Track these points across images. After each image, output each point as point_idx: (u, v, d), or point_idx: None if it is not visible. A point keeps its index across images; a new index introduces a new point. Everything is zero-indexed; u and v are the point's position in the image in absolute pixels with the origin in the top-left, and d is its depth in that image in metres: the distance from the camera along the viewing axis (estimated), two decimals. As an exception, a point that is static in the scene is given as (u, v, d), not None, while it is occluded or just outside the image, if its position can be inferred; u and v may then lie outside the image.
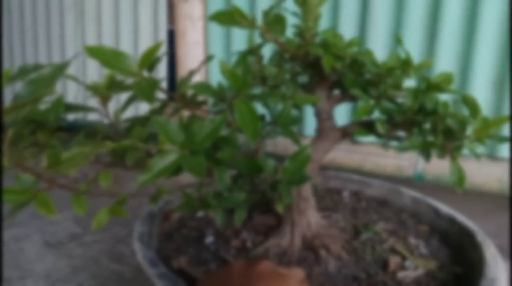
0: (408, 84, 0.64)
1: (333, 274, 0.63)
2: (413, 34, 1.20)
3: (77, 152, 0.44)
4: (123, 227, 1.24)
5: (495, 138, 0.52)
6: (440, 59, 1.17)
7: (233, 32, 1.44)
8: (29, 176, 0.47)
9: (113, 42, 1.72)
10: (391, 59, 0.59)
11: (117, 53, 0.44)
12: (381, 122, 0.57)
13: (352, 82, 0.60)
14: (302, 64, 0.63)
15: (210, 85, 0.53)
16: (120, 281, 0.98)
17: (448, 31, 1.15)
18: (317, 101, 0.55)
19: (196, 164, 0.47)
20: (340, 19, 1.28)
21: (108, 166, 0.61)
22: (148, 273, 0.58)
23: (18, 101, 0.33)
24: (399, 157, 1.29)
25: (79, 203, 0.51)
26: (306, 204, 0.67)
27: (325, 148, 0.65)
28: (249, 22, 0.47)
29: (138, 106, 1.70)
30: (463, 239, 0.72)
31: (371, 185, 0.93)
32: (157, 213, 0.76)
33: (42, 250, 1.11)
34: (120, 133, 0.63)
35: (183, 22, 1.45)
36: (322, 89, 0.66)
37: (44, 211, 0.46)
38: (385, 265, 0.66)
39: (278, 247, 0.68)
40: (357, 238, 0.73)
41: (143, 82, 0.44)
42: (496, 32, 1.11)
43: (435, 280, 0.64)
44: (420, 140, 0.55)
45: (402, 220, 0.82)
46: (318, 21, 0.54)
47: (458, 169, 0.53)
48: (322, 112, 0.67)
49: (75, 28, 1.80)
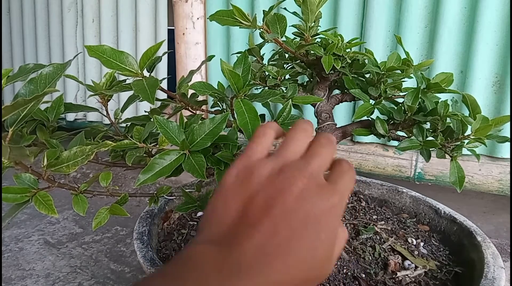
0: (408, 84, 0.64)
1: (333, 274, 0.63)
2: (413, 34, 1.20)
3: (77, 152, 0.44)
4: (123, 227, 1.24)
5: (495, 138, 0.52)
6: (440, 59, 1.17)
7: (233, 32, 1.44)
8: (29, 176, 0.47)
9: (113, 42, 1.72)
10: (391, 59, 0.59)
11: (117, 52, 0.44)
12: (381, 121, 0.57)
13: (352, 82, 0.60)
14: (302, 64, 0.63)
15: (210, 84, 0.53)
16: (120, 281, 0.98)
17: (448, 31, 1.15)
18: (317, 101, 0.55)
19: (196, 164, 0.47)
20: (340, 19, 1.28)
21: (108, 166, 0.61)
22: (148, 273, 0.58)
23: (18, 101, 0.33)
24: (399, 157, 1.29)
25: (79, 203, 0.51)
26: (306, 204, 0.67)
27: (325, 148, 0.65)
28: (249, 22, 0.47)
29: (138, 106, 1.70)
30: (463, 239, 0.72)
31: (371, 185, 0.93)
32: (157, 212, 0.76)
33: (42, 250, 1.11)
34: (120, 133, 0.63)
35: (183, 22, 1.45)
36: (322, 89, 0.66)
37: (44, 211, 0.46)
38: (385, 265, 0.66)
39: (278, 247, 0.68)
40: (357, 238, 0.73)
41: (143, 82, 0.44)
42: (496, 32, 1.11)
43: (435, 280, 0.64)
44: (420, 140, 0.55)
45: (402, 220, 0.82)
46: (318, 21, 0.54)
47: (458, 169, 0.53)
48: (322, 112, 0.67)
49: (75, 28, 1.80)
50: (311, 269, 0.26)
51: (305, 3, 0.50)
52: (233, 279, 0.24)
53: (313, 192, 0.27)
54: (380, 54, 1.25)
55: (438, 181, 1.26)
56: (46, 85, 0.41)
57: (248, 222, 0.26)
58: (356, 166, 1.36)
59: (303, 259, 0.26)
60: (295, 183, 0.27)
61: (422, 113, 0.55)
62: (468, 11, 1.14)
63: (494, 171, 1.19)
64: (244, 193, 0.28)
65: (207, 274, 0.24)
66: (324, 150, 0.31)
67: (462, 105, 0.55)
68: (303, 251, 0.26)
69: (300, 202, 0.27)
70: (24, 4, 1.92)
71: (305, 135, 0.32)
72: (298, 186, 0.27)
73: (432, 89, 0.55)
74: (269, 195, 0.27)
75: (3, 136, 0.40)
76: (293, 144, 0.31)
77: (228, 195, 0.28)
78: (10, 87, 1.97)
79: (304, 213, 0.26)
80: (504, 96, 1.13)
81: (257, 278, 0.24)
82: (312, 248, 0.26)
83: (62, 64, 0.43)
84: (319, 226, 0.27)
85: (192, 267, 0.25)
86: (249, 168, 0.29)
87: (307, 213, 0.26)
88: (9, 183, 0.46)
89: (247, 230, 0.26)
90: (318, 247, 0.26)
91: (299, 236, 0.26)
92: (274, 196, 0.27)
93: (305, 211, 0.26)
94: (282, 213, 0.26)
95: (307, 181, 0.28)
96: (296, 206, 0.26)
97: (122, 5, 1.66)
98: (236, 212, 0.27)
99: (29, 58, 1.96)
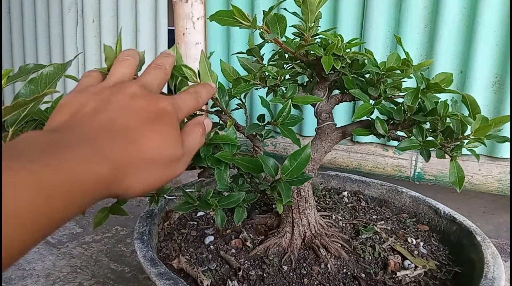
0: (408, 84, 0.64)
1: (333, 273, 0.64)
2: (413, 34, 1.20)
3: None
4: (124, 227, 1.24)
5: (494, 138, 0.52)
6: (440, 59, 1.17)
7: (233, 32, 1.44)
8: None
9: (113, 42, 1.72)
10: (391, 59, 0.59)
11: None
12: (381, 121, 0.57)
13: (352, 82, 0.60)
14: (302, 64, 0.63)
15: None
16: (120, 281, 0.99)
17: (448, 31, 1.15)
18: (317, 101, 0.55)
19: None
20: (340, 19, 1.28)
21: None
22: (148, 273, 0.58)
23: (18, 101, 0.33)
24: (399, 157, 1.29)
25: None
26: (306, 204, 0.67)
27: (325, 148, 0.66)
28: (249, 22, 0.47)
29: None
30: (462, 239, 0.72)
31: (371, 185, 0.93)
32: (157, 212, 0.76)
33: (42, 250, 1.11)
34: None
35: (183, 22, 1.45)
36: (322, 89, 0.66)
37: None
38: (385, 264, 0.66)
39: (278, 246, 0.68)
40: (356, 237, 0.73)
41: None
42: (496, 32, 1.11)
43: (435, 280, 0.64)
44: (420, 140, 0.55)
45: (402, 220, 0.82)
46: (318, 21, 0.54)
47: (457, 168, 0.53)
48: (322, 112, 0.67)
49: (75, 28, 1.80)
50: (159, 150, 0.30)
51: (305, 3, 0.50)
52: (71, 145, 0.24)
53: (146, 95, 0.32)
54: (380, 54, 1.25)
55: (438, 181, 1.26)
56: (46, 85, 0.41)
57: (85, 114, 0.29)
58: (356, 166, 1.36)
59: (146, 140, 0.29)
60: (128, 87, 0.32)
61: (421, 113, 0.55)
62: (468, 11, 1.14)
63: (494, 171, 1.19)
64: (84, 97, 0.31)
65: (38, 143, 0.24)
66: (153, 70, 0.36)
67: (462, 105, 0.55)
68: (145, 134, 0.29)
69: (134, 99, 0.31)
70: (24, 4, 1.92)
71: (128, 62, 0.37)
72: (131, 89, 0.32)
73: (432, 89, 0.55)
74: (109, 94, 0.31)
75: (3, 136, 0.40)
76: (118, 69, 0.36)
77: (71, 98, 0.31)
78: (10, 87, 1.97)
79: (139, 107, 0.31)
80: (504, 96, 1.13)
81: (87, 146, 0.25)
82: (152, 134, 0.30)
83: (62, 64, 0.43)
84: (156, 119, 0.31)
85: (21, 141, 0.24)
86: (91, 85, 0.34)
87: (142, 107, 0.31)
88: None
89: (87, 119, 0.29)
90: (158, 135, 0.30)
91: (138, 125, 0.29)
92: (113, 94, 0.31)
93: (140, 105, 0.31)
94: (118, 106, 0.30)
95: (139, 88, 0.32)
96: (130, 102, 0.31)
97: (122, 5, 1.66)
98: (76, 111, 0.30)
99: (29, 58, 1.96)
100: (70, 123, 0.29)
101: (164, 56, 0.39)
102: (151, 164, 0.29)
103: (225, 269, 0.65)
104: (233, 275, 0.63)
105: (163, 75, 0.37)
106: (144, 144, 0.29)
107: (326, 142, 0.65)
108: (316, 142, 0.66)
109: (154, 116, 0.31)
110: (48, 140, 0.25)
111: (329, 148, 0.66)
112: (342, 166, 1.39)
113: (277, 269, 0.64)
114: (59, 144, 0.24)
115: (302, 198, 0.67)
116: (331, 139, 0.65)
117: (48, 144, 0.24)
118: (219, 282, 0.62)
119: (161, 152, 0.30)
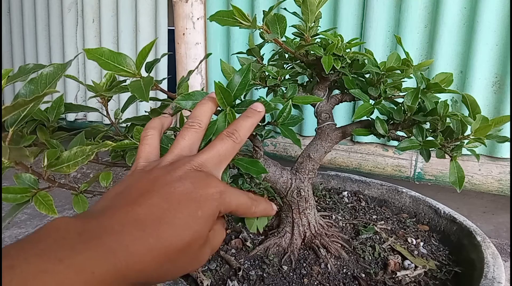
0: (408, 84, 0.64)
1: (333, 273, 0.64)
2: (413, 34, 1.20)
3: (77, 152, 0.44)
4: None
5: (494, 138, 0.52)
6: (440, 59, 1.17)
7: (233, 32, 1.44)
8: (29, 176, 0.47)
9: (113, 43, 1.72)
10: (391, 59, 0.59)
11: (116, 54, 0.44)
12: (381, 121, 0.57)
13: (352, 82, 0.60)
14: (302, 64, 0.63)
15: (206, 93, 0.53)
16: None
17: (448, 31, 1.15)
18: (317, 101, 0.55)
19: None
20: (340, 19, 1.28)
21: (108, 166, 0.61)
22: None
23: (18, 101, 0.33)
24: (399, 157, 1.29)
25: (80, 203, 0.51)
26: (306, 204, 0.67)
27: (325, 148, 0.66)
28: (249, 22, 0.47)
29: (138, 106, 1.70)
30: (462, 239, 0.72)
31: (371, 185, 0.93)
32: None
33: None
34: (121, 133, 0.63)
35: (183, 22, 1.45)
36: (322, 89, 0.66)
37: (44, 211, 0.46)
38: (385, 264, 0.66)
39: (278, 246, 0.68)
40: (356, 237, 0.73)
41: (140, 81, 0.44)
42: (496, 32, 1.11)
43: (435, 280, 0.64)
44: (420, 140, 0.55)
45: (402, 220, 0.82)
46: (318, 21, 0.54)
47: (457, 168, 0.53)
48: (322, 112, 0.67)
49: (75, 29, 1.80)
50: (183, 239, 0.28)
51: (305, 3, 0.50)
52: (94, 240, 0.25)
53: (196, 177, 0.31)
54: (380, 54, 1.25)
55: (438, 181, 1.26)
56: (46, 85, 0.41)
57: (126, 198, 0.29)
58: (356, 166, 1.36)
59: (174, 228, 0.28)
60: (179, 168, 0.31)
61: (421, 113, 0.55)
62: (468, 11, 1.14)
63: (493, 171, 1.19)
64: (134, 180, 0.31)
65: (63, 236, 0.25)
66: (218, 143, 0.34)
67: (462, 105, 0.55)
68: (176, 222, 0.28)
69: (181, 182, 0.30)
70: (24, 4, 1.92)
71: (194, 130, 0.36)
72: (182, 170, 0.31)
73: (432, 89, 0.55)
74: (155, 177, 0.31)
75: (3, 136, 0.40)
76: (181, 140, 0.35)
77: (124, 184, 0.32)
78: (10, 87, 1.97)
79: (183, 191, 0.30)
80: (504, 96, 1.13)
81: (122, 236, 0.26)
82: (186, 220, 0.29)
83: (62, 64, 0.43)
84: (196, 205, 0.29)
85: (48, 232, 0.25)
86: (145, 167, 0.34)
87: (186, 191, 0.30)
88: (10, 183, 0.46)
89: (123, 203, 0.29)
90: (192, 222, 0.29)
91: (174, 209, 0.28)
92: (158, 177, 0.31)
93: (184, 190, 0.30)
94: (161, 189, 0.29)
95: (191, 169, 0.31)
96: (176, 184, 0.30)
97: (122, 5, 1.66)
98: (120, 192, 0.30)
99: (29, 58, 1.96)
100: (107, 206, 0.29)
101: (238, 121, 0.36)
102: (170, 257, 0.28)
103: (225, 269, 0.65)
104: (233, 275, 0.63)
105: (229, 148, 0.35)
106: (169, 237, 0.28)
107: (326, 142, 0.65)
108: (316, 142, 0.66)
109: (194, 203, 0.29)
110: (75, 233, 0.25)
111: (329, 148, 0.66)
112: (342, 166, 1.39)
113: (277, 269, 0.64)
114: (84, 238, 0.25)
115: (302, 198, 0.66)
116: (331, 139, 0.66)
117: (73, 239, 0.25)
118: (219, 282, 0.62)
119: (182, 244, 0.28)
